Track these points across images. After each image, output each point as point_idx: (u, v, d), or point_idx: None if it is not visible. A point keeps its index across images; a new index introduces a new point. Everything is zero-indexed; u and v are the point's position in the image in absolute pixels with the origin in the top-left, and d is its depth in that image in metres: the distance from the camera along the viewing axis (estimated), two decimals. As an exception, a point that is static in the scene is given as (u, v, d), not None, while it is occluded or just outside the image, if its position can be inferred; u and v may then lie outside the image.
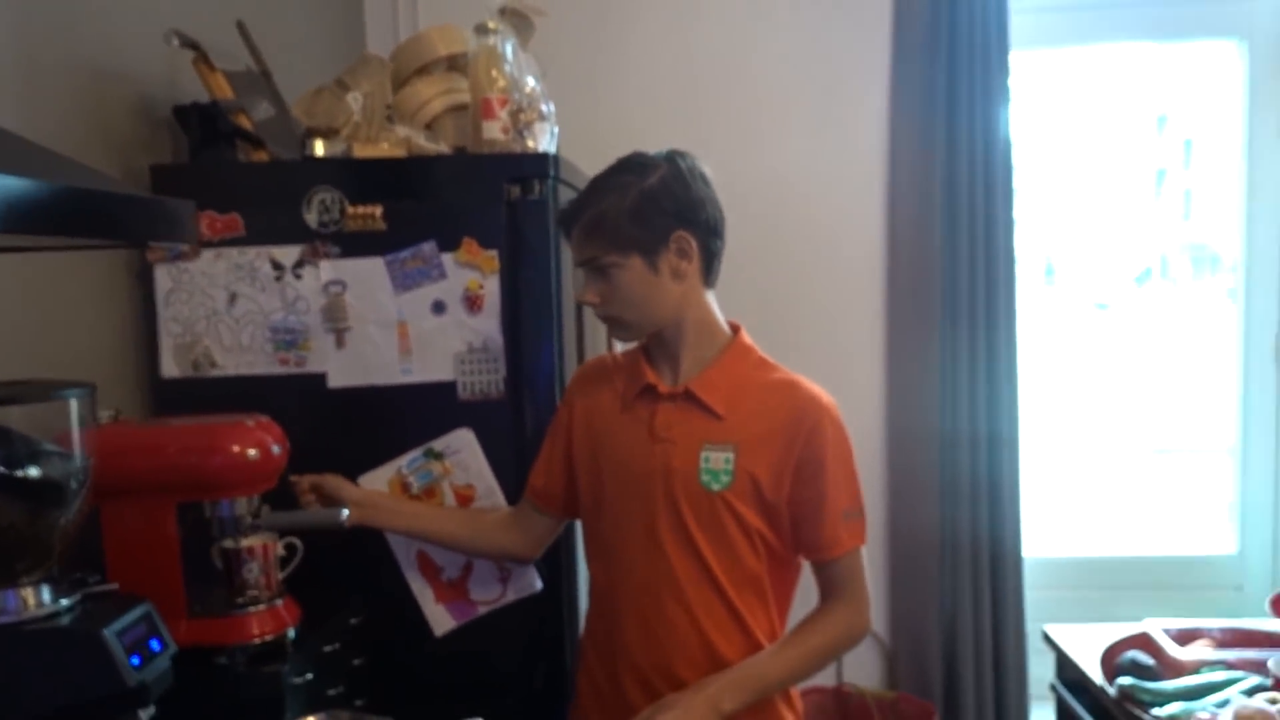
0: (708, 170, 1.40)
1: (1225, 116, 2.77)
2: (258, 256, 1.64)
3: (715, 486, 1.36)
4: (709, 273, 1.41)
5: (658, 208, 1.34)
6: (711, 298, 1.43)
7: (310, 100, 1.69)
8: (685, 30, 2.51)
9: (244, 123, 1.66)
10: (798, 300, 2.53)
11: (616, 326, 1.42)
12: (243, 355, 1.64)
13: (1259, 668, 1.55)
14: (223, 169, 1.67)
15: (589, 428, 1.48)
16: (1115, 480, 5.22)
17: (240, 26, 1.79)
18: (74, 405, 1.16)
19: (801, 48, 2.51)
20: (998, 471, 2.48)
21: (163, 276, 1.63)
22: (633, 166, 1.36)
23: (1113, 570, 2.73)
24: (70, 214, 0.87)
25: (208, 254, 1.64)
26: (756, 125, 2.50)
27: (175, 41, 1.60)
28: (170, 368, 1.64)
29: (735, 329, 1.46)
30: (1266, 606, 1.82)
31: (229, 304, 1.64)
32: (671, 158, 1.37)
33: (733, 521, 1.36)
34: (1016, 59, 2.43)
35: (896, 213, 2.51)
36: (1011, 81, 2.42)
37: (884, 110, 2.51)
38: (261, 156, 1.67)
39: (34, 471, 1.13)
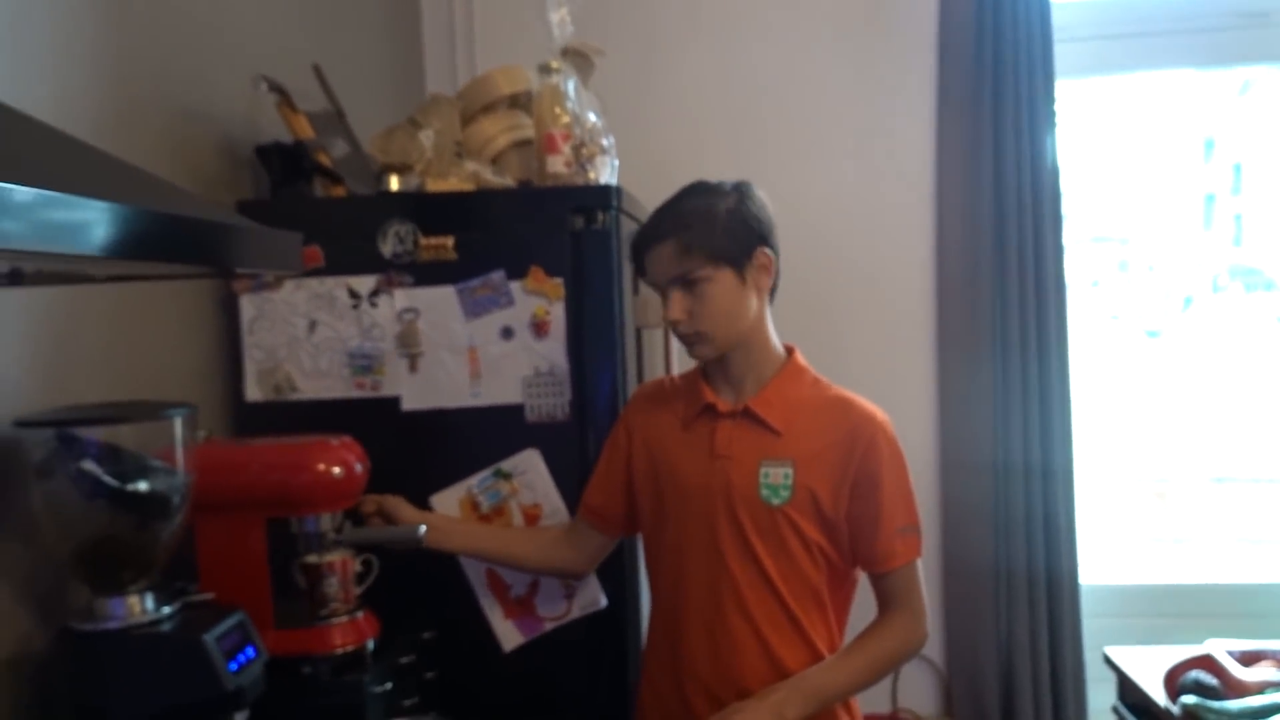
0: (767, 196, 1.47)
1: (1274, 139, 2.77)
2: (336, 286, 1.72)
3: (775, 501, 1.41)
4: (773, 291, 1.47)
5: (744, 224, 1.41)
6: (770, 319, 1.49)
7: (384, 138, 1.78)
8: (732, 61, 2.59)
9: (324, 160, 1.75)
10: (847, 328, 2.56)
11: (700, 342, 1.44)
12: (322, 380, 1.72)
13: (1326, 688, 1.54)
14: (303, 204, 1.76)
15: (647, 447, 1.53)
16: (1174, 509, 5.15)
17: (317, 70, 1.89)
18: (178, 424, 1.24)
19: (848, 76, 2.57)
20: (1053, 501, 2.47)
21: (247, 305, 1.72)
22: (707, 190, 1.44)
23: (1171, 598, 2.70)
24: (187, 242, 0.95)
25: (289, 284, 1.72)
26: (804, 153, 2.56)
27: (264, 86, 1.71)
28: (254, 392, 1.72)
29: (790, 350, 1.51)
30: (1333, 628, 1.80)
31: (309, 331, 1.72)
32: (738, 184, 1.44)
33: (792, 535, 1.41)
34: (1062, 87, 2.47)
35: (945, 240, 2.54)
36: (1057, 108, 2.45)
37: (930, 138, 2.55)
38: (339, 192, 1.76)
39: (142, 486, 1.21)
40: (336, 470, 1.43)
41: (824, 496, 1.41)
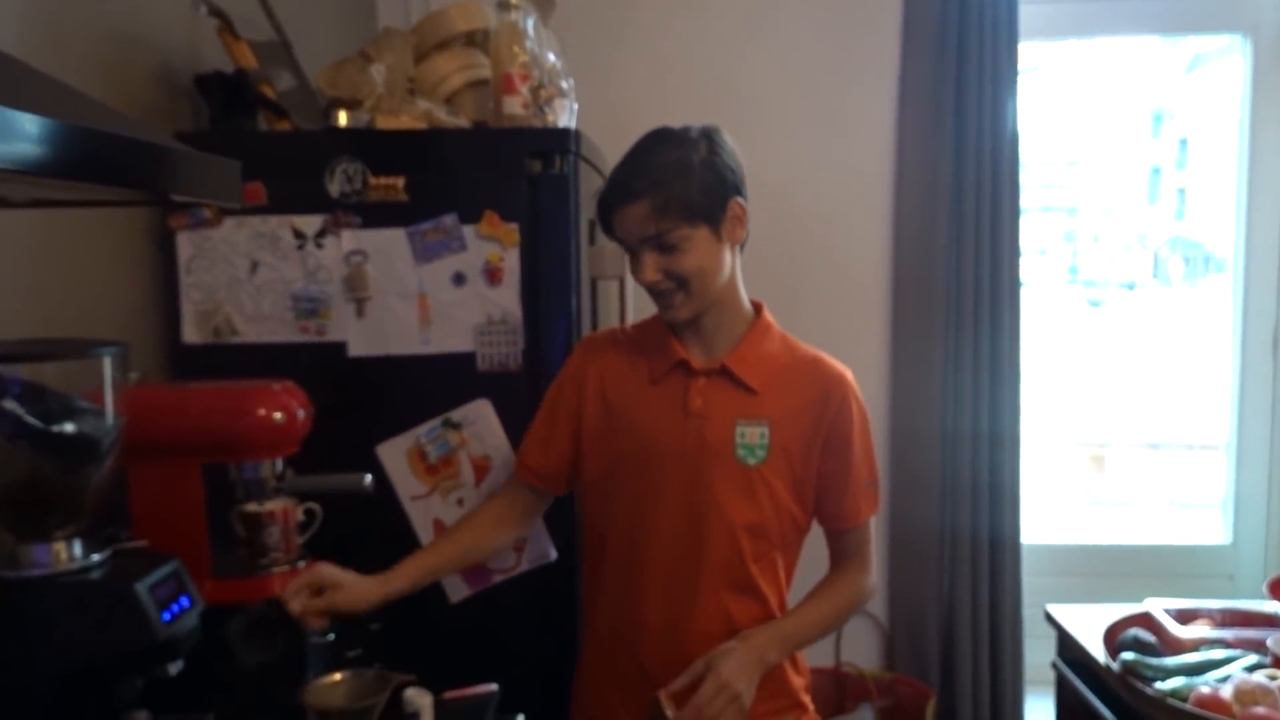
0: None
1: (1222, 114, 2.79)
2: (280, 225, 1.65)
3: (751, 461, 1.39)
4: (743, 244, 1.43)
5: (718, 176, 1.35)
6: (740, 272, 1.45)
7: (333, 72, 1.70)
8: (697, 13, 2.53)
9: (268, 92, 1.67)
10: (801, 294, 2.52)
11: (680, 300, 1.38)
12: (264, 323, 1.66)
13: (1257, 646, 1.58)
14: (246, 138, 1.68)
15: (604, 401, 1.46)
16: (1111, 474, 5.30)
17: (261, -3, 1.80)
18: (108, 363, 1.17)
19: (812, 34, 2.52)
20: (999, 468, 2.49)
21: (184, 243, 1.65)
22: (675, 141, 1.36)
23: (1108, 558, 2.76)
24: (117, 162, 0.88)
25: (230, 222, 1.65)
26: (765, 112, 2.52)
27: (203, 9, 1.61)
28: (191, 334, 1.65)
29: (758, 307, 1.48)
30: (1264, 590, 1.85)
31: (251, 272, 1.65)
32: (706, 131, 1.39)
33: (765, 494, 1.40)
34: (1025, 49, 2.45)
35: (903, 207, 2.52)
36: (1020, 74, 2.44)
37: (893, 101, 2.51)
38: (284, 126, 1.68)
39: (68, 428, 1.14)
40: (278, 415, 1.37)
41: (797, 456, 1.40)
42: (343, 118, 1.66)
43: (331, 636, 1.41)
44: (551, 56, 1.78)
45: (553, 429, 1.50)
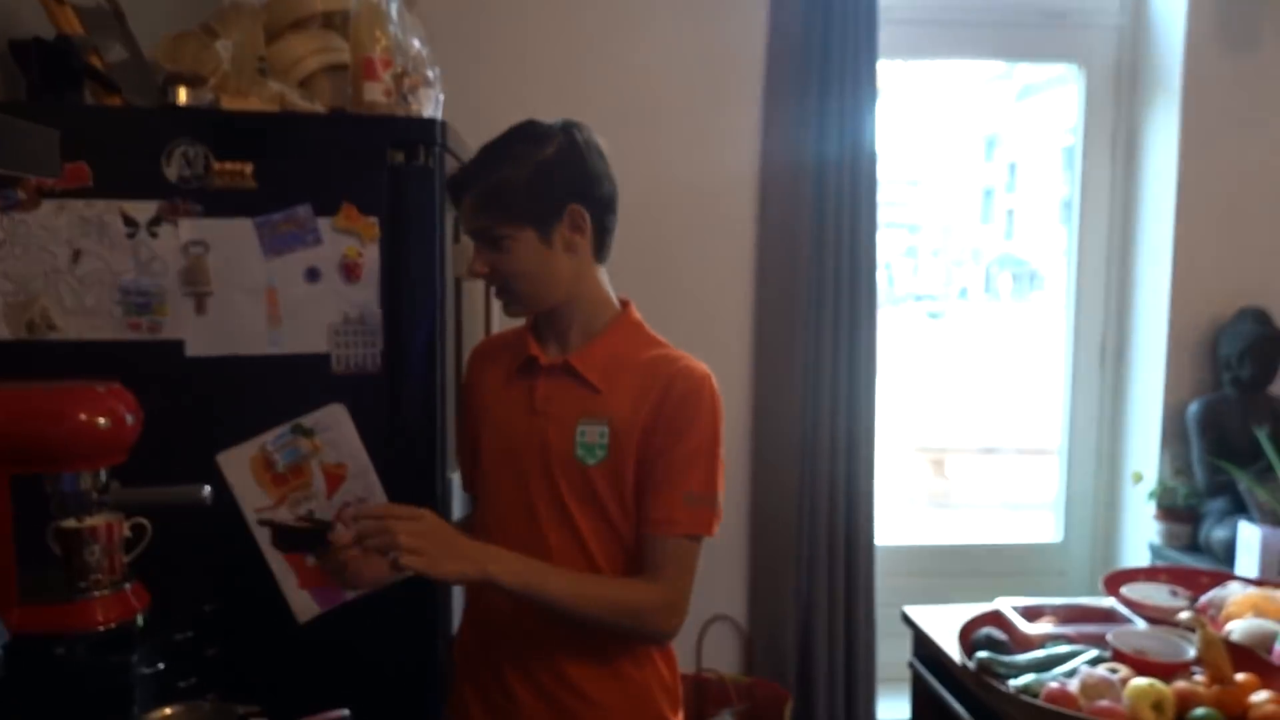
0: (603, 143, 1.38)
1: (1048, 141, 2.98)
2: (107, 211, 1.50)
3: (590, 461, 1.34)
4: (601, 248, 1.38)
5: (553, 180, 1.30)
6: (603, 273, 1.41)
7: (172, 45, 1.56)
8: (567, 5, 2.48)
9: (96, 63, 1.51)
10: (663, 301, 2.47)
11: (508, 299, 1.38)
12: (87, 318, 1.50)
13: (1098, 641, 1.67)
14: (69, 113, 1.51)
15: (480, 401, 1.44)
16: (949, 477, 5.58)
17: (90, -41, 1.63)
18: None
19: (684, 36, 2.51)
20: (855, 472, 2.56)
21: (-7, 227, 1.47)
22: (528, 136, 1.32)
23: (953, 557, 2.89)
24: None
25: (48, 205, 1.48)
26: (633, 112, 2.49)
27: (18, -35, 1.44)
28: (1, 329, 1.47)
29: (625, 304, 1.44)
30: (1100, 586, 1.96)
31: (72, 261, 1.49)
32: (568, 128, 1.34)
33: (608, 495, 1.34)
34: (883, 67, 2.53)
35: (767, 215, 2.54)
36: (879, 90, 2.51)
37: (758, 108, 2.54)
38: (115, 101, 1.53)
39: None
40: (101, 420, 1.23)
41: (638, 455, 1.34)
42: (182, 94, 1.52)
43: (161, 666, 1.28)
44: (416, 43, 1.69)
45: (462, 440, 1.49)
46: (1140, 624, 1.78)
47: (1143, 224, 2.73)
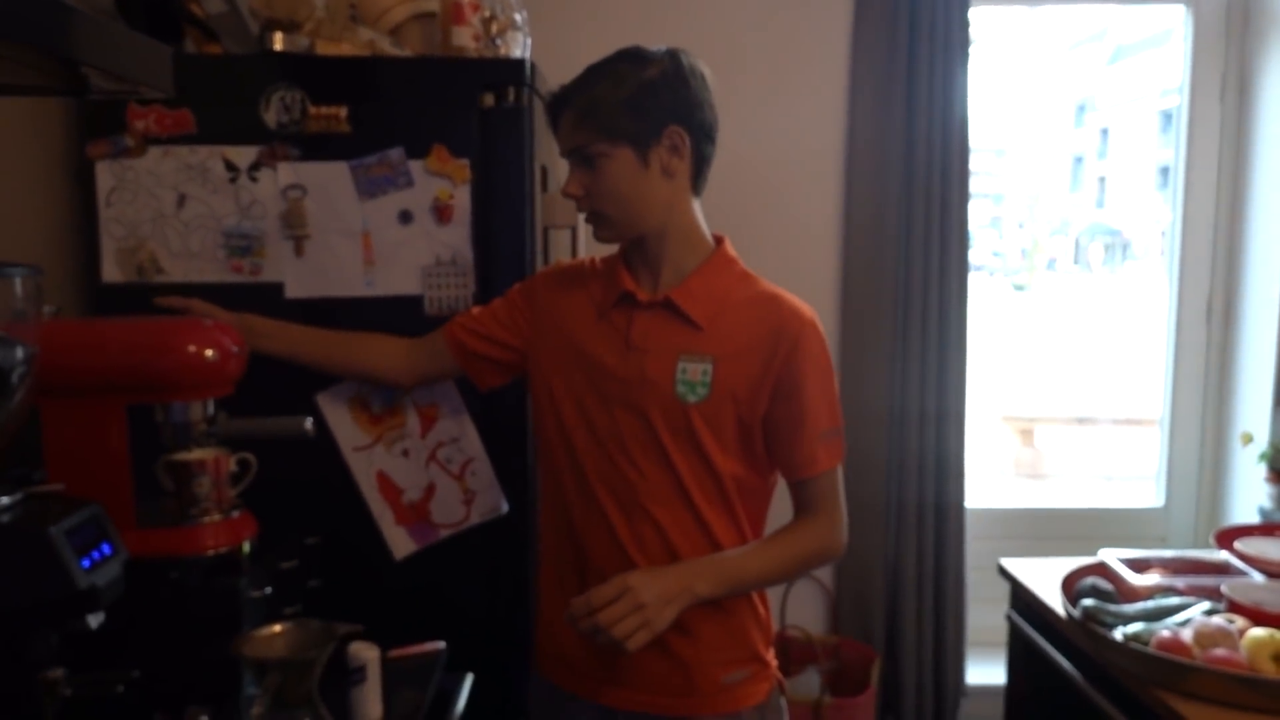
0: (707, 72, 1.35)
1: (1144, 105, 2.84)
2: (210, 156, 1.53)
3: (691, 399, 1.32)
4: (698, 178, 1.36)
5: (655, 100, 1.29)
6: (698, 206, 1.39)
7: (268, -6, 1.58)
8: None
9: (196, 11, 1.55)
10: (751, 264, 2.47)
11: (600, 224, 1.35)
12: (192, 261, 1.54)
13: (1209, 593, 1.60)
14: (173, 60, 1.55)
15: (561, 332, 1.41)
16: (1038, 447, 5.43)
17: (189, -87, 1.67)
18: (18, 285, 1.06)
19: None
20: (944, 433, 2.50)
21: (104, 174, 1.52)
22: (632, 56, 1.31)
23: (1046, 520, 2.80)
24: (32, 18, 0.78)
25: (154, 151, 1.53)
26: (719, 61, 2.43)
27: (123, -85, 1.48)
28: (112, 272, 1.53)
29: (719, 240, 1.42)
30: (1211, 540, 1.88)
31: (178, 206, 1.53)
32: (674, 53, 1.32)
33: (708, 434, 1.33)
34: (976, 14, 2.43)
35: (854, 187, 2.46)
36: (971, 39, 2.41)
37: (845, 61, 2.47)
38: (214, 49, 1.56)
39: (-27, 355, 1.03)
40: (209, 353, 1.27)
41: (743, 396, 1.33)
42: (279, 40, 1.55)
43: (268, 590, 1.32)
44: (503, -12, 1.69)
45: (494, 320, 1.47)
46: (1258, 577, 1.69)
47: (1256, 175, 2.58)
